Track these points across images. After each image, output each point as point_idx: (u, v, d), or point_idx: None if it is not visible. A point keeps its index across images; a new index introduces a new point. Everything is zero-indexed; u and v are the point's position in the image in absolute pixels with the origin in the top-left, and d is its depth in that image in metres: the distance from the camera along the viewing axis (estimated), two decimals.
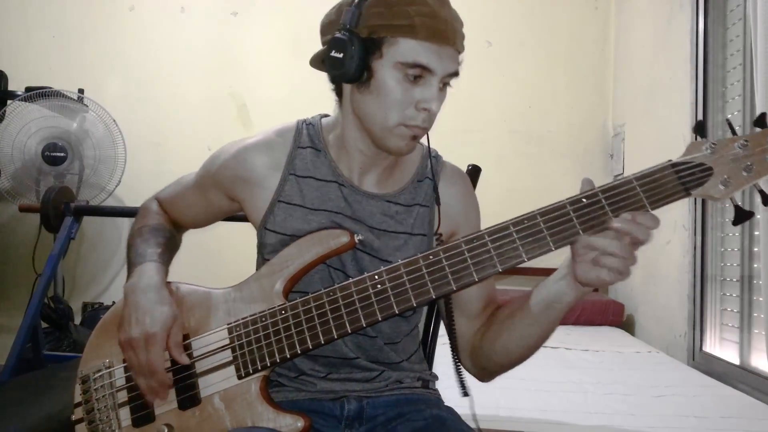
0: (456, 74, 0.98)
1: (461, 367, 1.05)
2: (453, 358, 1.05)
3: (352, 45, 0.93)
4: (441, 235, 1.03)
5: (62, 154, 3.10)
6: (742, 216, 0.85)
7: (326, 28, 1.01)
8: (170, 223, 1.18)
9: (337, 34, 0.94)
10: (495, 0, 3.68)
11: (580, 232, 0.84)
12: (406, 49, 0.92)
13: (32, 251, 3.10)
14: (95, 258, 3.66)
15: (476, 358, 1.05)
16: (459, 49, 0.97)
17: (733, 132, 0.86)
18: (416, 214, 1.07)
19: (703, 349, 2.42)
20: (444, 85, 0.98)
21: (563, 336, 2.69)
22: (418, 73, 0.93)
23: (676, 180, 0.84)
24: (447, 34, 0.93)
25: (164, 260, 1.07)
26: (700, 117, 2.45)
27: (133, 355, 0.95)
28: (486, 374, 1.07)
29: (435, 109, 0.96)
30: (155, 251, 1.07)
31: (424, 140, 1.06)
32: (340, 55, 0.94)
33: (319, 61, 1.02)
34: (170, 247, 1.13)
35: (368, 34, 0.93)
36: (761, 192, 0.85)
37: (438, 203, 1.07)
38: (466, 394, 1.04)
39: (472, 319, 1.07)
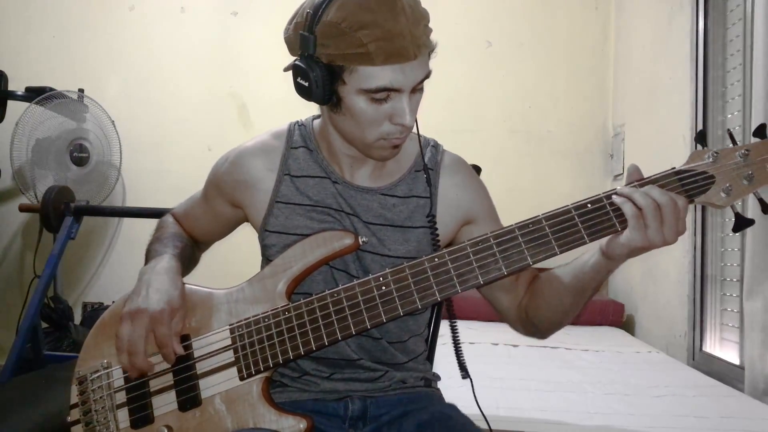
0: (426, 77, 0.95)
1: (461, 349, 1.06)
2: (453, 339, 1.05)
3: (313, 73, 0.92)
4: (435, 221, 1.03)
5: (86, 155, 3.15)
6: (743, 224, 0.87)
7: (289, 44, 0.99)
8: (187, 234, 1.20)
9: (298, 62, 0.94)
10: (495, 0, 3.68)
11: (585, 238, 0.87)
12: (367, 76, 0.90)
13: (33, 251, 3.10)
14: (95, 258, 3.65)
15: (526, 325, 1.07)
16: (425, 53, 0.93)
17: (734, 142, 0.87)
18: (415, 206, 1.07)
19: (703, 349, 2.42)
20: (416, 90, 0.95)
21: (563, 336, 2.68)
22: (383, 96, 0.92)
23: (680, 187, 0.86)
24: (406, 50, 0.89)
25: (181, 259, 1.08)
26: (700, 117, 2.44)
27: (130, 327, 0.94)
28: (539, 335, 1.09)
29: (409, 122, 0.94)
30: (173, 251, 1.08)
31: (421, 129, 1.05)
32: (306, 84, 0.93)
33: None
34: (187, 254, 1.14)
35: (328, 62, 0.92)
36: (761, 200, 0.86)
37: (430, 184, 1.06)
38: (465, 376, 1.05)
39: (508, 292, 1.08)
